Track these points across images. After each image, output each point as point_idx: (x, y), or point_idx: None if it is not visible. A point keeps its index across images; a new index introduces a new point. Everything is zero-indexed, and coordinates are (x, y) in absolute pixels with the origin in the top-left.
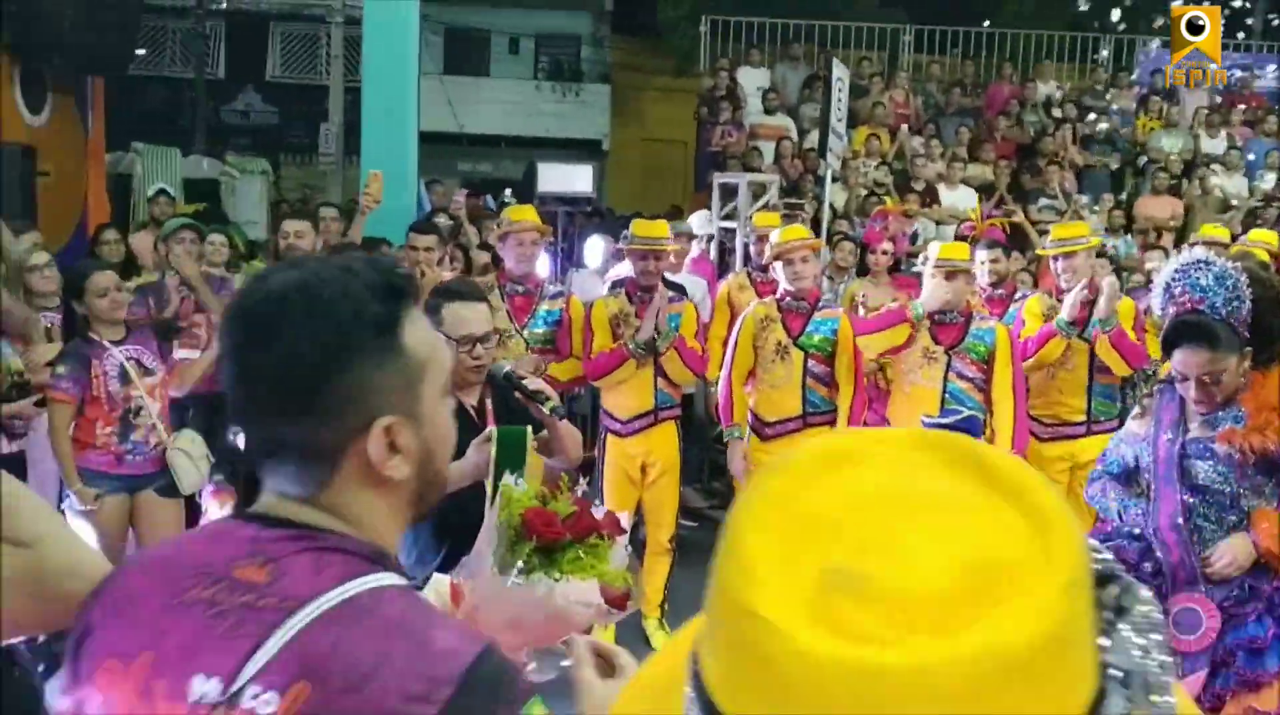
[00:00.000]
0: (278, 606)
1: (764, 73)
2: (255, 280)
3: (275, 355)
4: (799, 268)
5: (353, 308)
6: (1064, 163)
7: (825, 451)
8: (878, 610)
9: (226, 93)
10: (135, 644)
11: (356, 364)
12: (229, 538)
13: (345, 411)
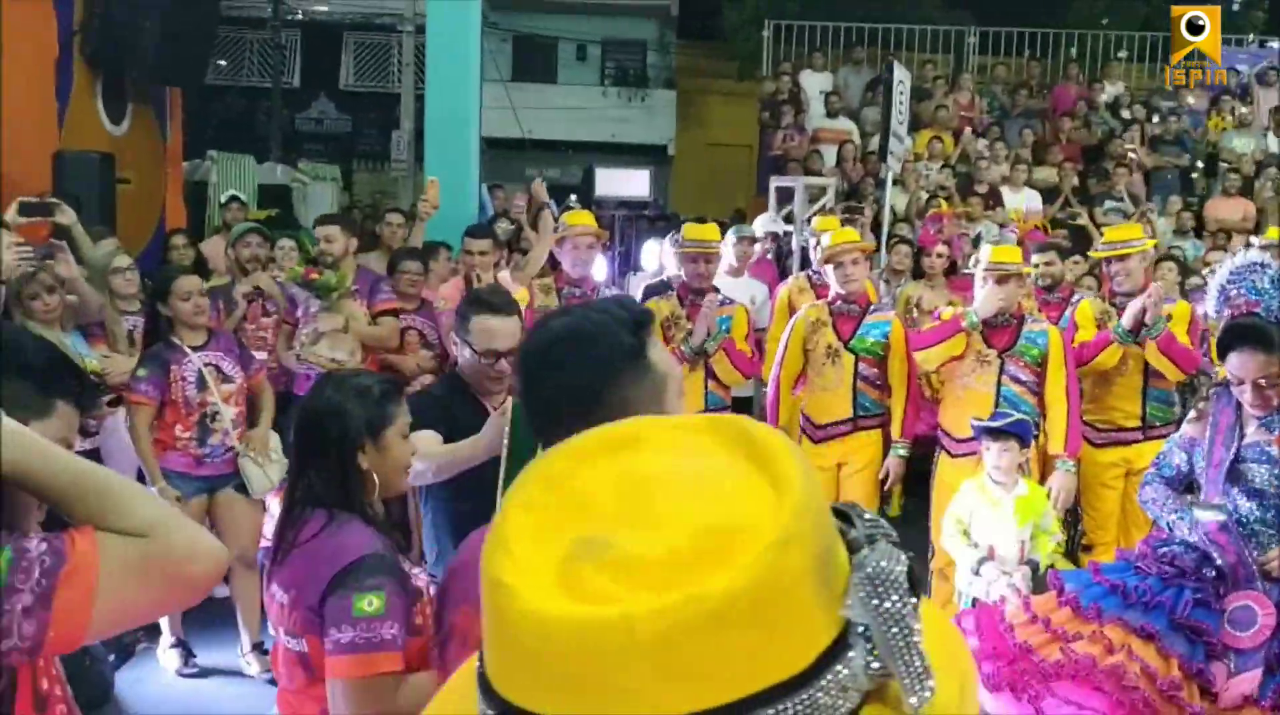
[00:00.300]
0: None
1: (827, 76)
2: (539, 324)
3: (559, 381)
4: (849, 270)
5: (612, 342)
6: (1131, 165)
7: (609, 436)
8: (614, 573)
9: (301, 101)
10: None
11: (618, 383)
12: None
13: (619, 411)
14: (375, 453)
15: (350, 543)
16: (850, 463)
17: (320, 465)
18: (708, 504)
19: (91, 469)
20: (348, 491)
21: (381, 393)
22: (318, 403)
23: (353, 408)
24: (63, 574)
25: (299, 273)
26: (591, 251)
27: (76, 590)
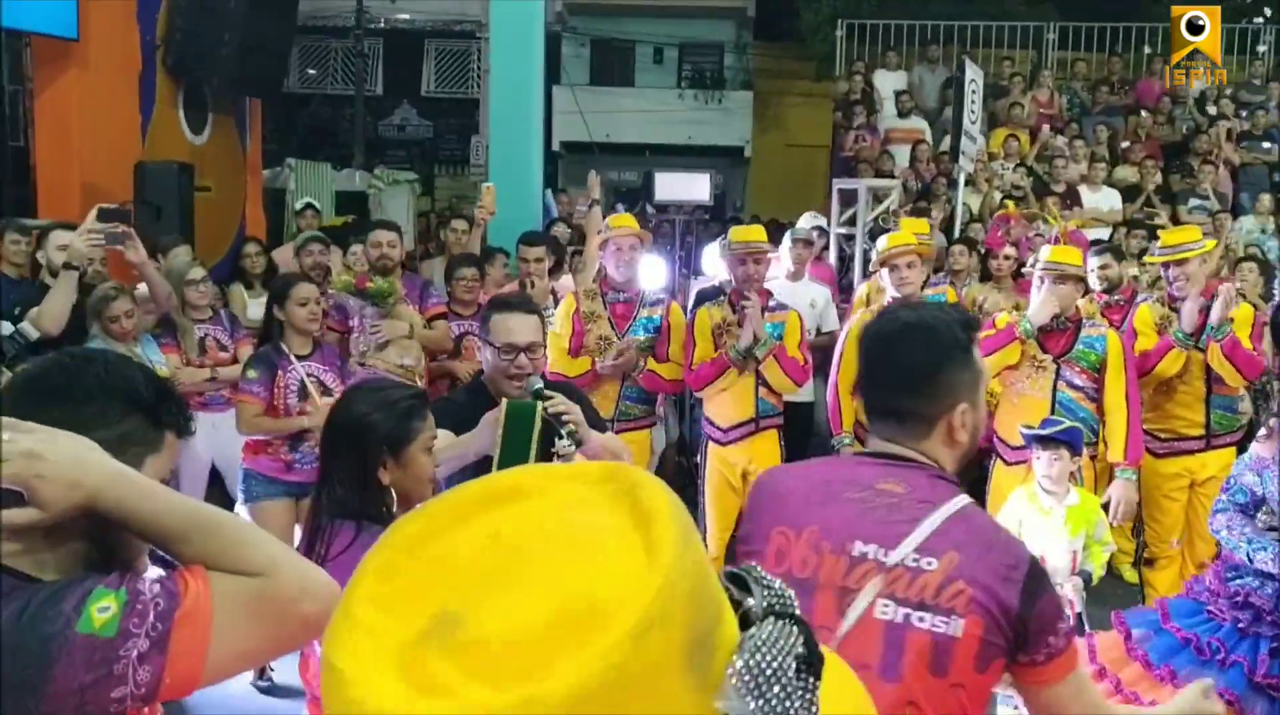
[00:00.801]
0: (919, 504)
1: (901, 75)
2: (887, 314)
3: (900, 361)
4: (905, 273)
5: (950, 335)
6: (1217, 161)
7: (490, 488)
8: (458, 659)
9: (384, 108)
10: (801, 521)
11: (951, 368)
12: (862, 466)
13: (943, 396)
14: (397, 467)
15: None
16: None
17: (344, 477)
18: (576, 572)
19: (199, 508)
20: (367, 504)
21: (407, 408)
22: (342, 415)
23: (376, 421)
24: (177, 617)
25: (350, 282)
26: (635, 253)
27: (192, 633)
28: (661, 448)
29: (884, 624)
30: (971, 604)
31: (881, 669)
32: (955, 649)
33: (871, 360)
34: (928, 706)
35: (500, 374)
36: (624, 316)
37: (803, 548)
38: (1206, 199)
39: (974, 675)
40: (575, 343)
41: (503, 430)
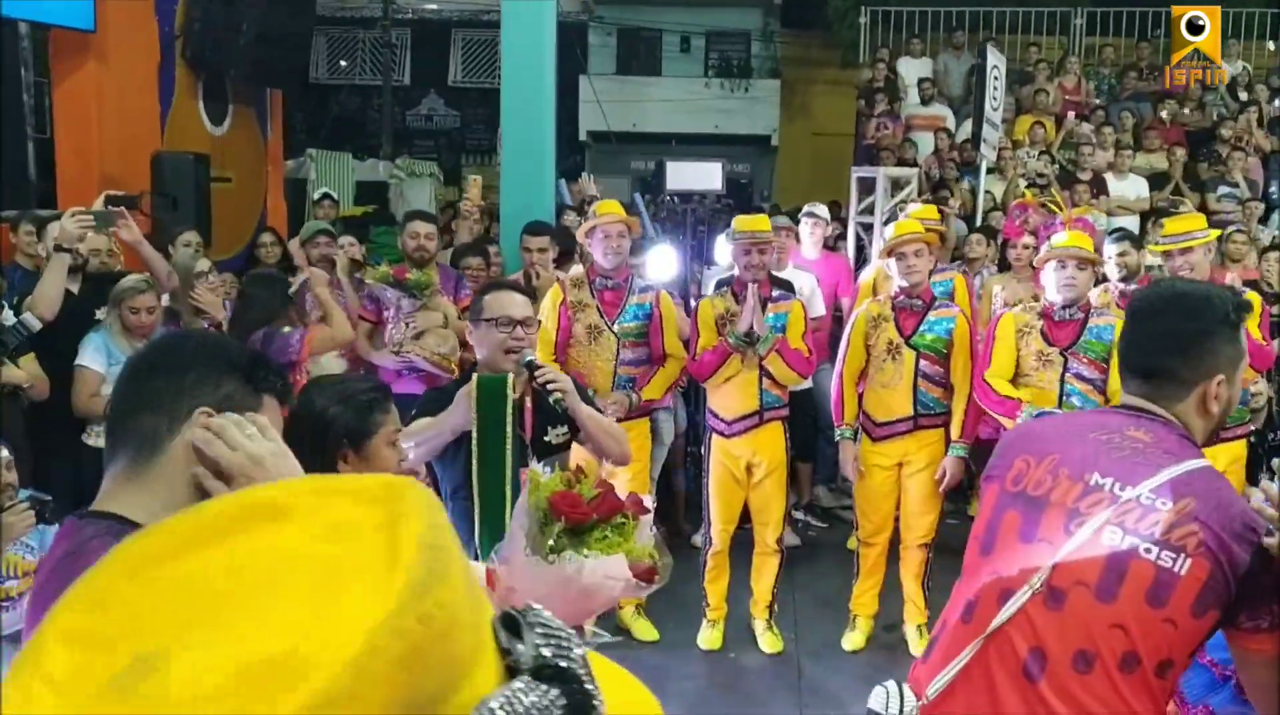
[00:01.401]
0: (1164, 454)
1: (926, 62)
2: (1164, 281)
3: (1183, 320)
4: (912, 262)
5: (1223, 309)
6: (1248, 148)
7: (245, 504)
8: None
9: (412, 98)
10: (1043, 451)
11: (1218, 339)
12: (1114, 415)
13: (1205, 363)
14: (359, 461)
15: None
16: (911, 462)
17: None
18: (294, 615)
19: None
20: None
21: (368, 401)
22: (302, 409)
23: (335, 415)
24: None
25: (388, 273)
26: (623, 240)
27: None
28: (670, 438)
29: (1109, 549)
30: (1201, 546)
31: (1098, 589)
32: (1177, 585)
33: (1141, 320)
34: (1135, 632)
35: (499, 348)
36: (613, 304)
37: (1041, 471)
38: (1236, 187)
39: (1188, 616)
40: (563, 336)
41: (476, 404)
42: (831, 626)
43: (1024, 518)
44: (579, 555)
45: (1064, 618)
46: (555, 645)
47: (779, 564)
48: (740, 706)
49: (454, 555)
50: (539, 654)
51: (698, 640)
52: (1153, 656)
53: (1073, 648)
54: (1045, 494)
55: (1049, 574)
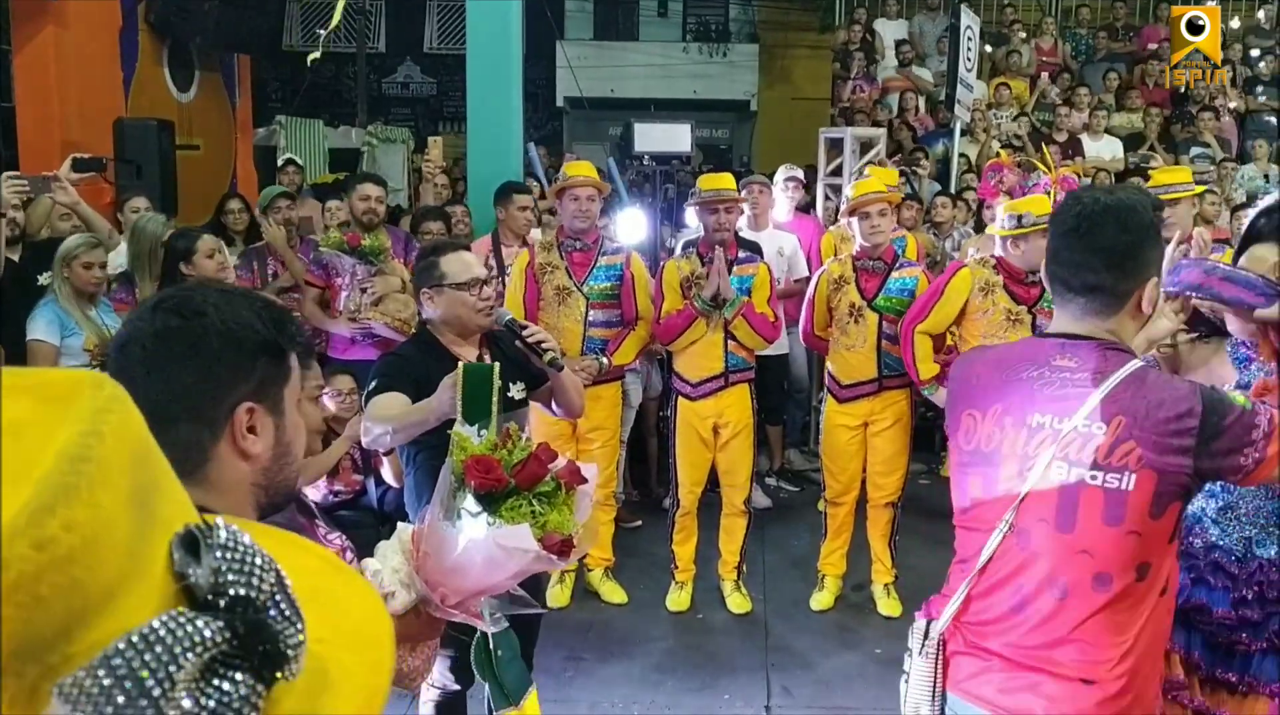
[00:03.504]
0: (1092, 376)
1: (902, 24)
2: (1083, 197)
3: (1109, 235)
4: (875, 221)
5: (1147, 215)
6: (1221, 109)
7: None
8: None
9: (387, 65)
10: (985, 403)
11: (1147, 246)
12: (1041, 345)
13: (1139, 272)
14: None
15: None
16: (876, 421)
17: None
18: None
19: None
20: None
21: None
22: None
23: None
24: None
25: (342, 239)
26: (592, 203)
27: None
28: (639, 401)
29: (1059, 483)
30: (1142, 460)
31: (1058, 522)
32: (1128, 500)
33: (1069, 240)
34: (1099, 553)
35: (470, 310)
36: (581, 265)
37: (989, 425)
38: (1208, 147)
39: (1148, 521)
40: (530, 298)
41: (462, 394)
42: (800, 586)
43: (984, 476)
44: (485, 523)
45: (1034, 553)
46: (239, 569)
47: (747, 525)
48: (708, 666)
49: (107, 467)
50: (219, 580)
51: (666, 602)
52: (1125, 568)
53: (1046, 579)
54: (997, 447)
55: (1014, 516)
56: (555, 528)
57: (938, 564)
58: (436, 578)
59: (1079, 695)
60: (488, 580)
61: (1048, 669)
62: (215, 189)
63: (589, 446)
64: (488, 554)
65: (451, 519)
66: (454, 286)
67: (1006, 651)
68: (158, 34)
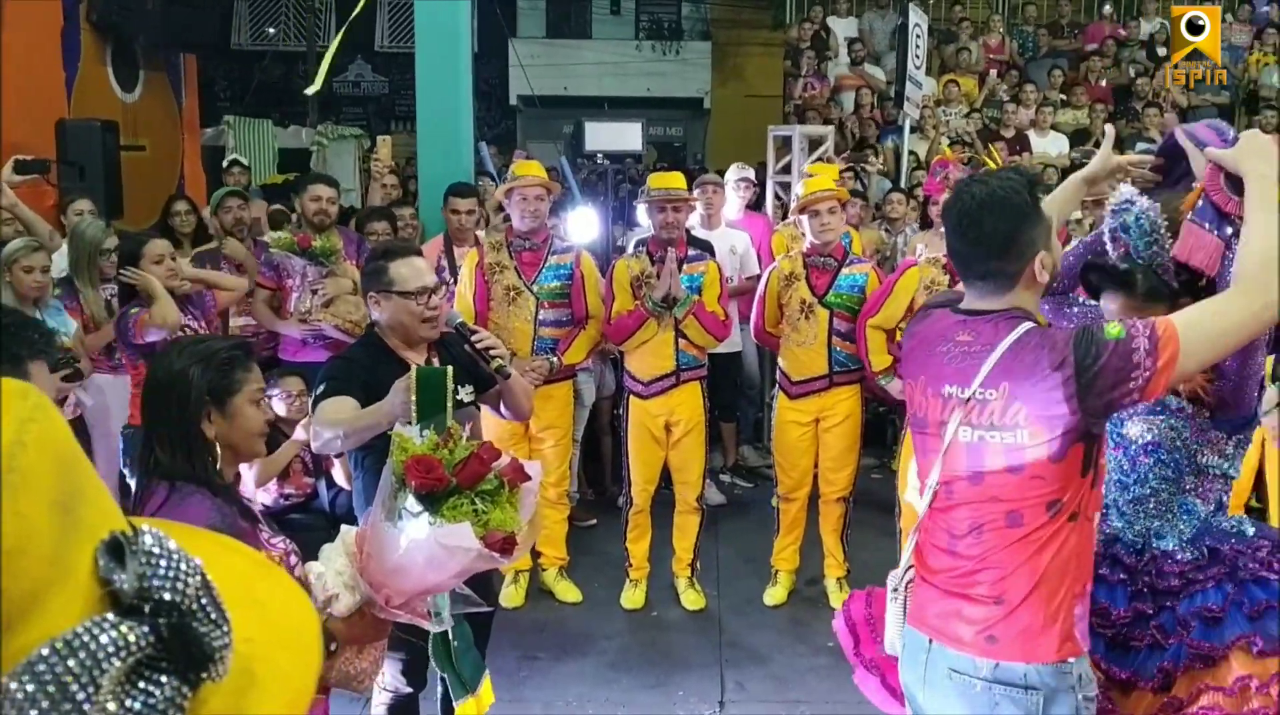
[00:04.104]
0: (983, 348)
1: (852, 22)
2: (961, 194)
3: (988, 228)
4: (825, 219)
5: (1021, 199)
6: (1164, 104)
7: None
8: None
9: (338, 65)
10: (915, 374)
11: (1026, 228)
12: (948, 323)
13: (1024, 253)
14: (222, 420)
15: (187, 517)
16: (828, 417)
17: (165, 435)
18: None
19: None
20: (193, 461)
21: (227, 358)
22: (159, 371)
23: (195, 374)
24: None
25: (293, 241)
26: (540, 203)
27: None
28: (591, 400)
29: (965, 444)
30: (1030, 418)
31: (970, 476)
32: (1025, 451)
33: (958, 235)
34: (1007, 497)
35: (416, 319)
36: (531, 264)
37: (918, 394)
38: (1153, 143)
39: (1050, 466)
40: (480, 298)
41: (416, 399)
42: (754, 582)
43: (921, 440)
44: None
45: (956, 506)
46: (164, 574)
47: (700, 522)
48: (662, 664)
49: (31, 476)
50: (144, 584)
51: (620, 600)
52: (1035, 507)
53: (968, 521)
54: (925, 415)
55: (939, 473)
56: (498, 526)
57: (890, 557)
58: (380, 579)
59: (992, 614)
60: (430, 580)
61: (968, 594)
62: (161, 190)
63: (541, 446)
64: (429, 554)
65: (393, 520)
66: (401, 293)
67: (940, 583)
68: (100, 33)
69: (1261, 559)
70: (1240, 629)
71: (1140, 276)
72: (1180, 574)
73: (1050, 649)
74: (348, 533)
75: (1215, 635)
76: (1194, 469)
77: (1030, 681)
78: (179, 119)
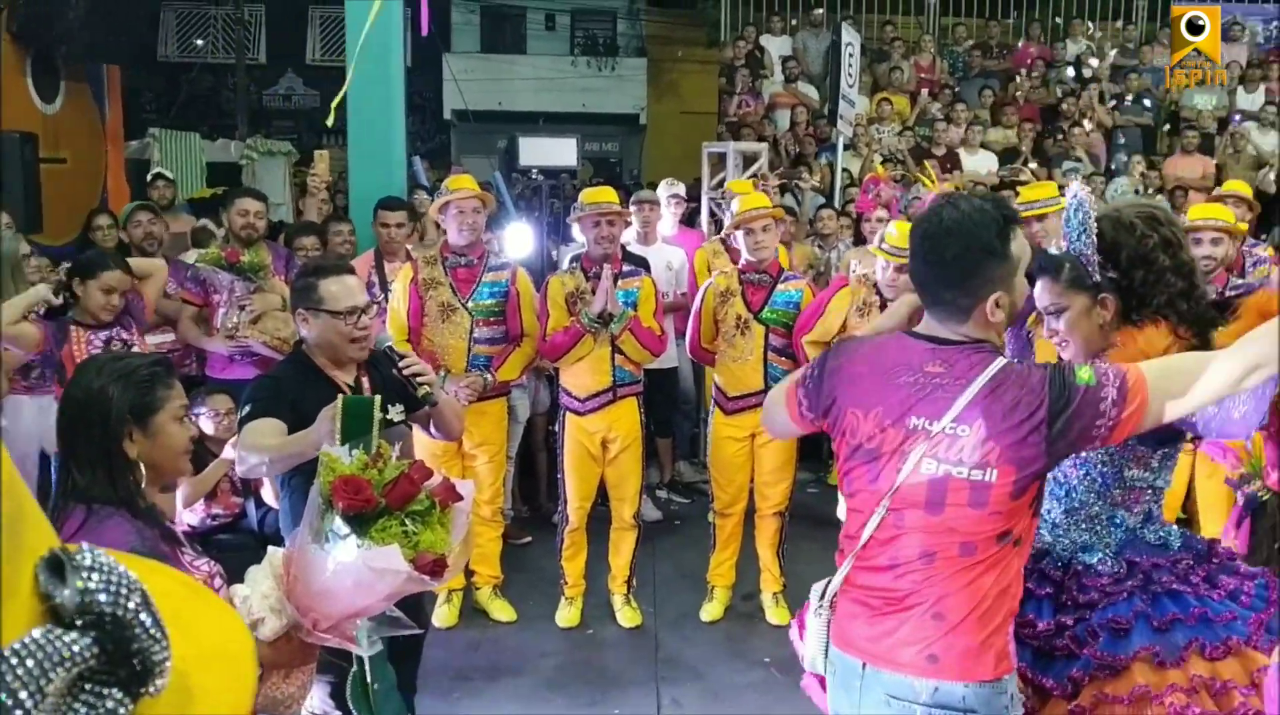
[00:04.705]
0: (955, 382)
1: (786, 40)
2: (931, 215)
3: (950, 256)
4: (760, 237)
5: (987, 236)
6: (1091, 124)
7: None
8: None
9: (269, 77)
10: (868, 404)
11: (986, 266)
12: (914, 349)
13: (978, 289)
14: (144, 439)
15: (105, 540)
16: (764, 432)
17: (83, 456)
18: None
19: None
20: (114, 482)
21: (148, 375)
22: (77, 390)
23: (115, 393)
24: None
25: (219, 255)
26: (477, 216)
27: None
28: (526, 416)
29: (929, 476)
30: (1001, 457)
31: (928, 507)
32: (991, 489)
33: (919, 256)
34: (964, 528)
35: (344, 339)
36: (466, 281)
37: (870, 426)
38: (1080, 162)
39: (1010, 502)
40: (414, 315)
41: (340, 427)
42: (690, 598)
43: (868, 469)
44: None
45: (907, 532)
46: (105, 589)
47: (636, 539)
48: (598, 682)
49: None
50: (85, 599)
51: (556, 618)
52: (988, 538)
53: (917, 548)
54: (878, 447)
55: (890, 501)
56: (429, 547)
57: (826, 571)
58: (307, 602)
59: (932, 633)
60: (359, 603)
61: (907, 614)
62: (83, 204)
63: (475, 462)
64: (357, 577)
65: (320, 542)
66: (330, 312)
67: (876, 603)
68: (20, 43)
69: (1179, 572)
70: (1145, 640)
71: (1068, 265)
72: (1100, 587)
73: (988, 667)
74: (275, 555)
75: (1121, 646)
76: (1120, 482)
77: (969, 704)
78: (102, 131)
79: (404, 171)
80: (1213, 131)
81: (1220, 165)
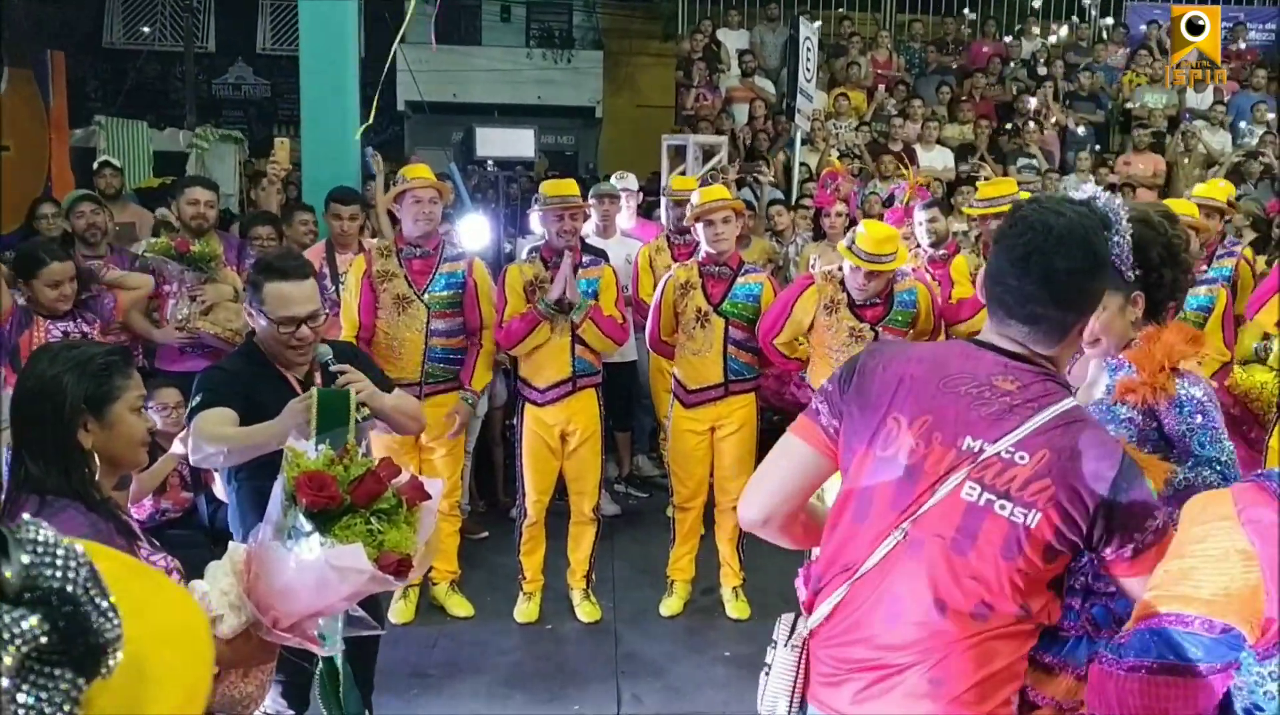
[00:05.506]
0: (1027, 404)
1: (744, 34)
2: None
3: (1059, 267)
4: (720, 229)
5: (1102, 248)
6: (1045, 121)
7: None
8: None
9: (218, 66)
10: (915, 411)
11: (1101, 275)
12: (981, 359)
13: (1089, 302)
14: (100, 430)
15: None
16: (723, 426)
17: (37, 446)
18: None
19: None
20: (68, 474)
21: (105, 364)
22: (30, 379)
23: (70, 382)
24: None
25: (169, 245)
26: (435, 206)
27: None
28: (485, 409)
29: (966, 504)
30: (1052, 501)
31: (953, 541)
32: (1028, 538)
33: (1018, 272)
34: (987, 582)
35: (281, 347)
36: (421, 273)
37: (913, 435)
38: (1034, 159)
39: (1039, 564)
40: (367, 308)
41: (316, 420)
42: (649, 593)
43: (897, 487)
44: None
45: (923, 565)
46: (50, 563)
47: (595, 533)
48: (557, 677)
49: None
50: (30, 573)
51: (514, 613)
52: (1009, 604)
53: (929, 593)
54: (919, 462)
55: (911, 526)
56: (394, 546)
57: (786, 565)
58: (268, 600)
59: (923, 695)
60: (320, 603)
61: (901, 676)
62: (27, 193)
63: (431, 456)
64: (320, 575)
65: (283, 539)
66: (269, 319)
67: (868, 657)
68: None
69: None
70: None
71: None
72: None
73: None
74: (235, 550)
75: None
76: None
77: None
78: (46, 118)
79: (358, 163)
80: (1164, 130)
81: (1171, 164)
